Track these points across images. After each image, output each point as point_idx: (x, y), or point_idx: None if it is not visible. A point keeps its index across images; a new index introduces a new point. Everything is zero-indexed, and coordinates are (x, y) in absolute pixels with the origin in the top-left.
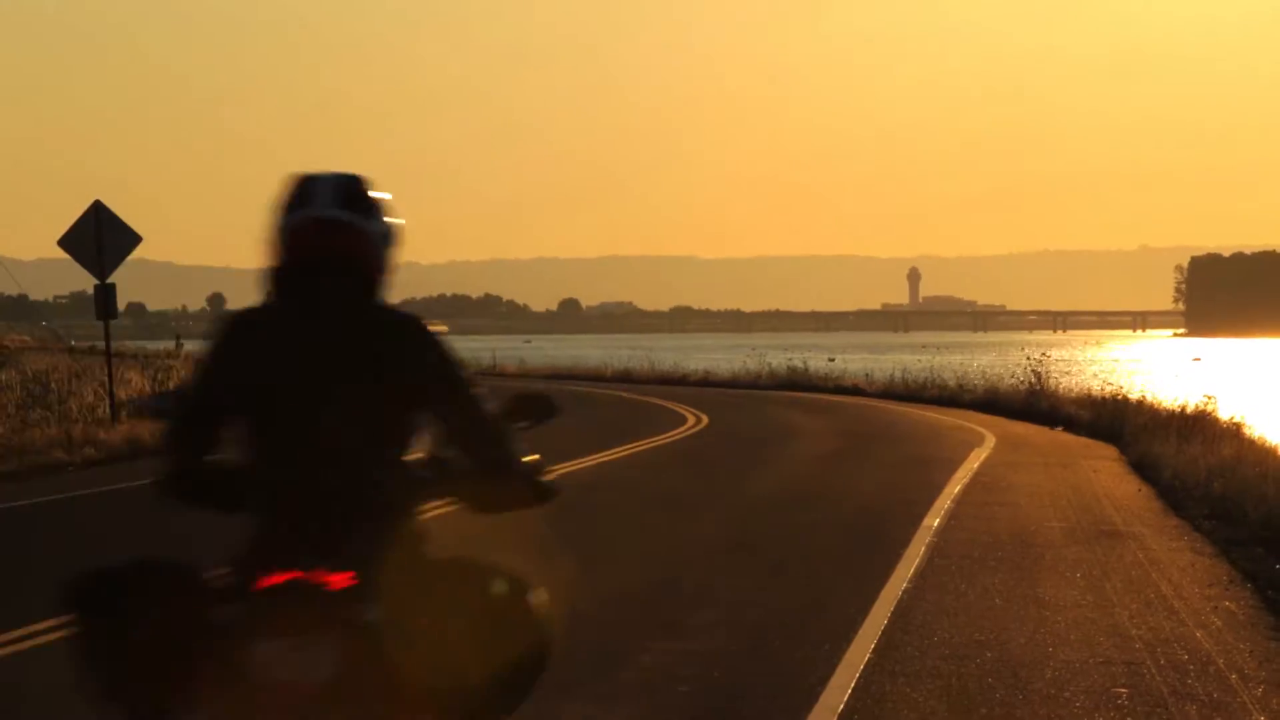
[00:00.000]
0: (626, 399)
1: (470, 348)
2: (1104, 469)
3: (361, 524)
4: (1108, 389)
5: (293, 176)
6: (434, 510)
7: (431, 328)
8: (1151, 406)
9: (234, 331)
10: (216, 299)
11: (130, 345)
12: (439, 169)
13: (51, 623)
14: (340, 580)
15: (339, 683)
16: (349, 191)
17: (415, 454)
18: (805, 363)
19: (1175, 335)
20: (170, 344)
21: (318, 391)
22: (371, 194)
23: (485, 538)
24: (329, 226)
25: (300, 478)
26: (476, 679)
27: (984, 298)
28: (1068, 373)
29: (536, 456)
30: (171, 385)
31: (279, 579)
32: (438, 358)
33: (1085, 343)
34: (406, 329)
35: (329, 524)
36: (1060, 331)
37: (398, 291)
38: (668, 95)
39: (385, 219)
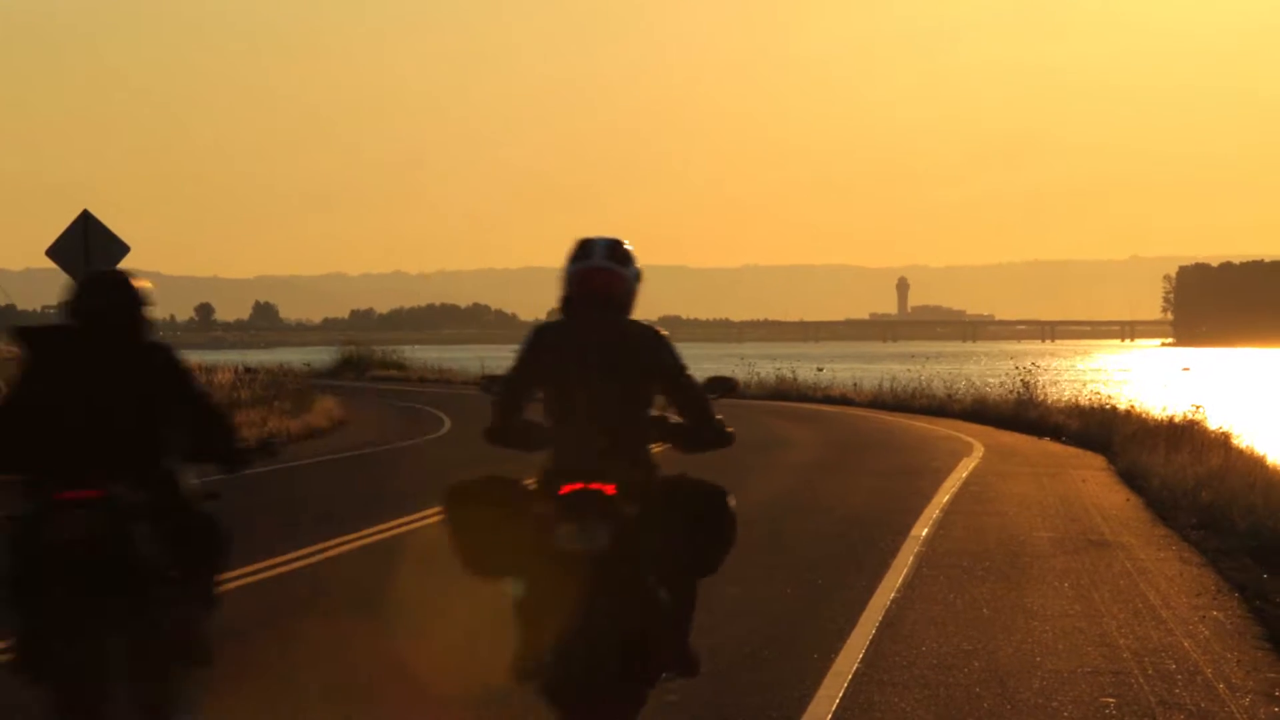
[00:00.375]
0: None
1: (458, 358)
2: (1092, 478)
3: (619, 456)
4: (1096, 398)
5: (578, 240)
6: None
7: (661, 332)
8: (1140, 416)
9: (537, 337)
10: (204, 309)
11: None
12: (427, 178)
13: None
14: (610, 489)
15: (610, 551)
16: (614, 249)
17: (654, 412)
18: (794, 372)
19: (1164, 345)
20: None
21: (592, 375)
22: (627, 249)
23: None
24: (601, 273)
25: (580, 430)
26: (693, 551)
27: (972, 307)
28: (1056, 382)
29: (721, 416)
30: None
31: (573, 488)
32: (667, 352)
33: (1074, 352)
34: (648, 334)
35: (601, 460)
36: (1049, 341)
37: (385, 302)
38: (657, 104)
39: (635, 266)
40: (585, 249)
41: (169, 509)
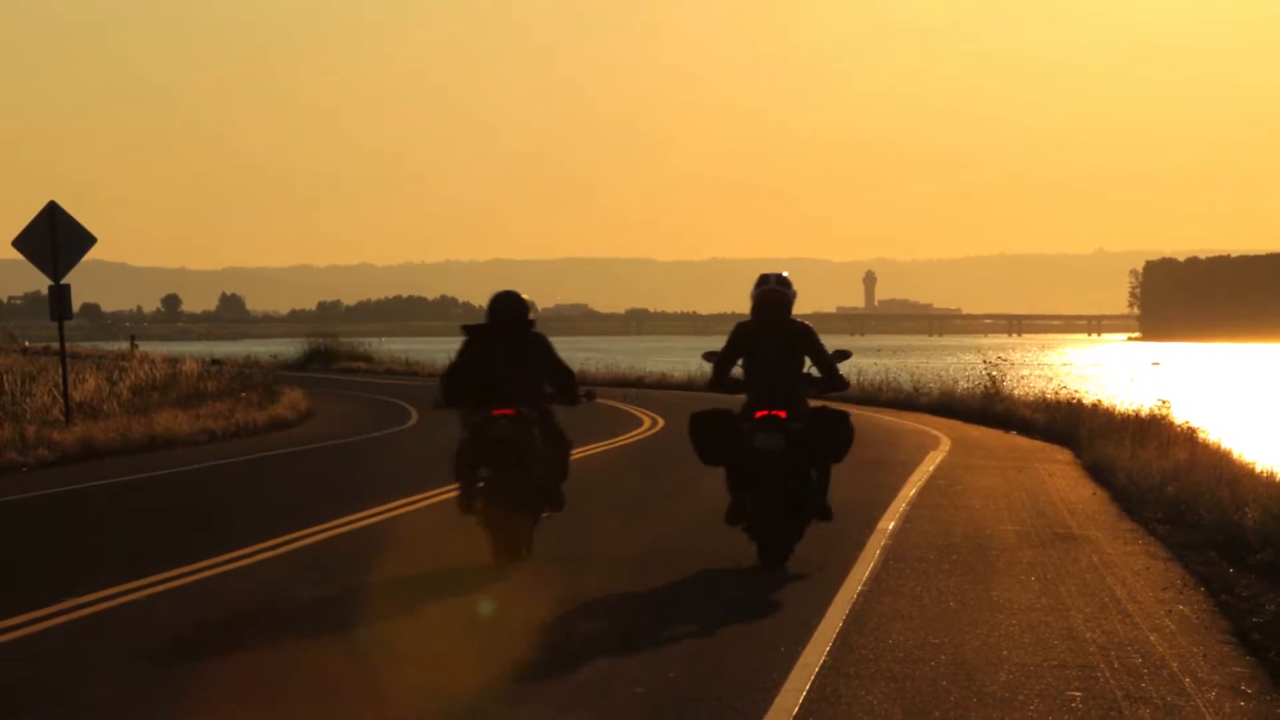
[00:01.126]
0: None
1: (425, 350)
2: (1059, 472)
3: (791, 397)
4: (1063, 393)
5: (760, 274)
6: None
7: (808, 325)
8: (1106, 410)
9: (737, 330)
10: (171, 300)
11: (86, 346)
12: (393, 169)
13: (33, 614)
14: (785, 414)
15: (784, 449)
16: (780, 279)
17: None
18: None
19: (1130, 339)
20: (125, 345)
21: (770, 350)
22: (786, 276)
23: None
24: (774, 293)
25: (764, 381)
26: (831, 448)
27: (940, 301)
28: (1024, 376)
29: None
30: (124, 385)
31: (763, 414)
32: (810, 334)
33: (1041, 346)
34: (800, 327)
35: (778, 399)
36: (1016, 335)
37: (352, 294)
38: (625, 97)
39: (793, 288)
40: (764, 279)
41: (546, 422)
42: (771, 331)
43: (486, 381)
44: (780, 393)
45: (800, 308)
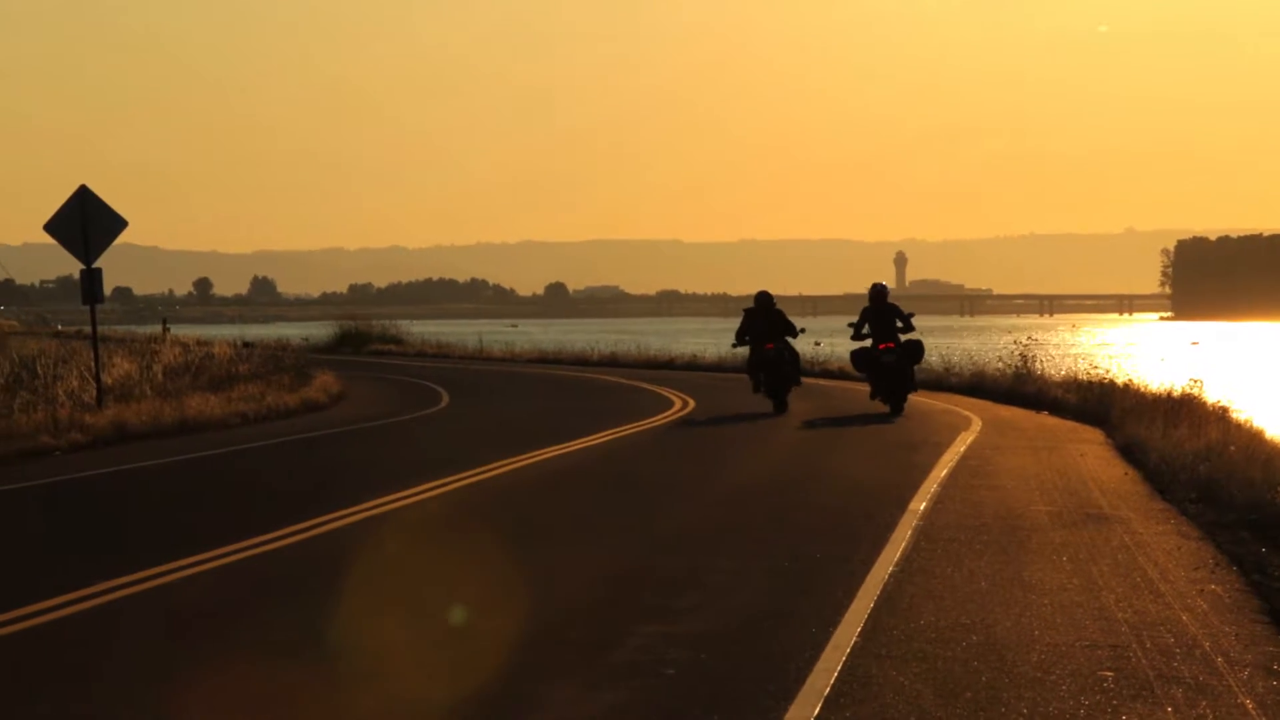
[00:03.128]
0: (613, 383)
1: (456, 332)
2: (1090, 452)
3: (894, 338)
4: (1094, 373)
5: (875, 283)
6: None
7: (894, 303)
8: (1138, 390)
9: (865, 311)
10: (203, 283)
11: (118, 330)
12: (425, 153)
13: (55, 600)
14: (892, 345)
15: (896, 361)
16: (883, 285)
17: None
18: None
19: (1162, 318)
20: (157, 328)
21: (883, 315)
22: (885, 284)
23: (489, 517)
24: (882, 291)
25: (882, 332)
26: (914, 357)
27: (971, 281)
28: (1062, 356)
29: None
30: (155, 368)
31: (884, 346)
32: (897, 309)
33: (1072, 326)
34: (892, 305)
35: (888, 339)
36: (1047, 315)
37: (383, 276)
38: (654, 79)
39: (888, 289)
40: (878, 286)
41: (788, 349)
42: (881, 309)
43: (759, 332)
44: (889, 336)
45: (831, 289)
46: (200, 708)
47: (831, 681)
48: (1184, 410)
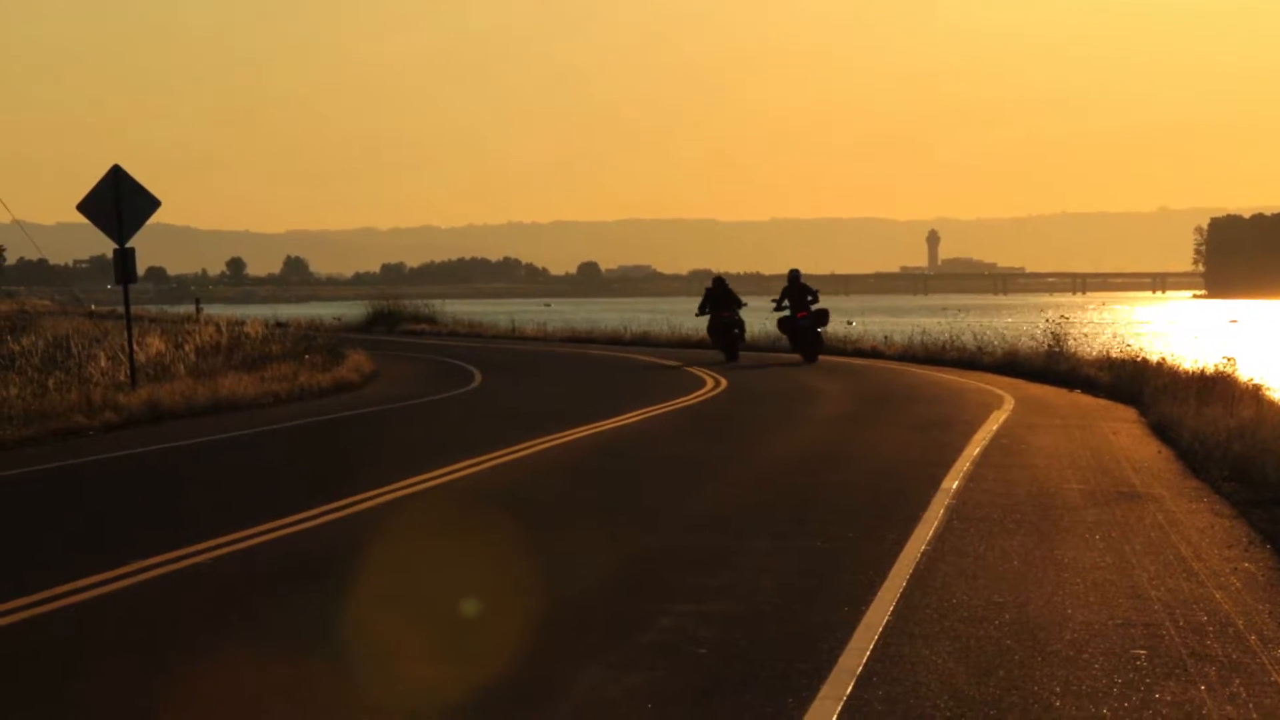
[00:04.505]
0: (645, 362)
1: (488, 312)
2: (1123, 431)
3: (805, 308)
4: (1127, 351)
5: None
6: None
7: (804, 283)
8: (1171, 368)
9: (785, 289)
10: (236, 263)
11: (151, 309)
12: (458, 132)
13: (82, 582)
14: (805, 314)
15: (809, 323)
16: (795, 271)
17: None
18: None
19: (1195, 296)
20: (191, 308)
21: (798, 293)
22: (797, 268)
23: (526, 497)
24: (796, 274)
25: (797, 304)
26: (821, 322)
27: (1003, 260)
28: (1098, 336)
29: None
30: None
31: (801, 314)
32: (808, 288)
33: (1101, 304)
34: (803, 284)
35: (803, 309)
36: (1080, 294)
37: (415, 256)
38: (688, 59)
39: (800, 274)
40: (793, 272)
41: (738, 318)
42: (797, 287)
43: (717, 305)
44: (803, 307)
45: (863, 268)
46: (217, 696)
47: (864, 660)
48: (1217, 388)
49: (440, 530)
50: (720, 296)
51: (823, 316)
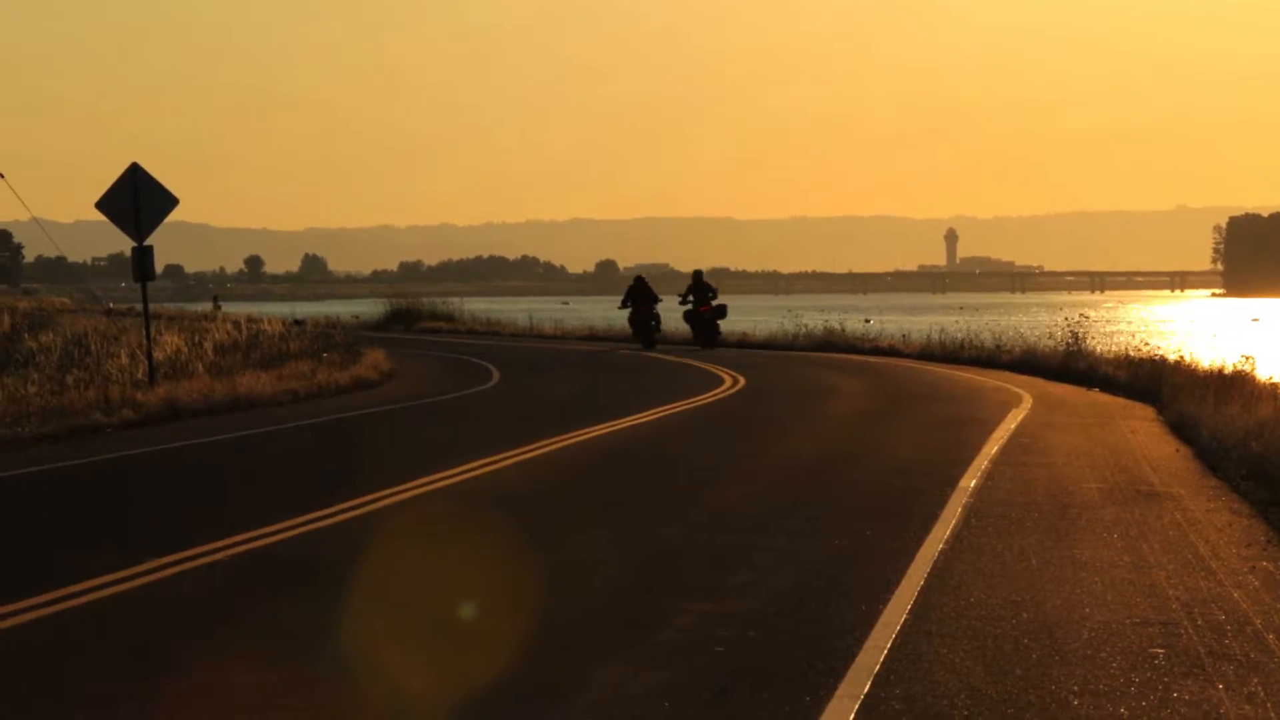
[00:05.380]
0: (663, 360)
1: (506, 310)
2: (1141, 429)
3: (707, 303)
4: (1145, 349)
5: (696, 270)
6: None
7: (707, 281)
8: (1189, 367)
9: (690, 287)
10: (254, 261)
11: (169, 307)
12: (476, 130)
13: (102, 579)
14: (707, 308)
15: (712, 316)
16: (699, 272)
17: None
18: (842, 324)
19: (1214, 295)
20: (209, 305)
21: (700, 290)
22: (700, 269)
23: (547, 496)
24: (699, 273)
25: (701, 298)
26: (719, 315)
27: (1021, 258)
28: (1116, 333)
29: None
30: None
31: (705, 309)
32: (709, 286)
33: (1118, 302)
34: (706, 283)
35: (706, 303)
36: (1098, 292)
37: (433, 254)
38: (706, 55)
39: (700, 276)
40: (697, 272)
41: (655, 314)
42: (699, 285)
43: (638, 301)
44: (705, 302)
45: (881, 266)
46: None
47: (881, 659)
48: (1235, 387)
49: (458, 527)
50: (641, 293)
51: (721, 311)
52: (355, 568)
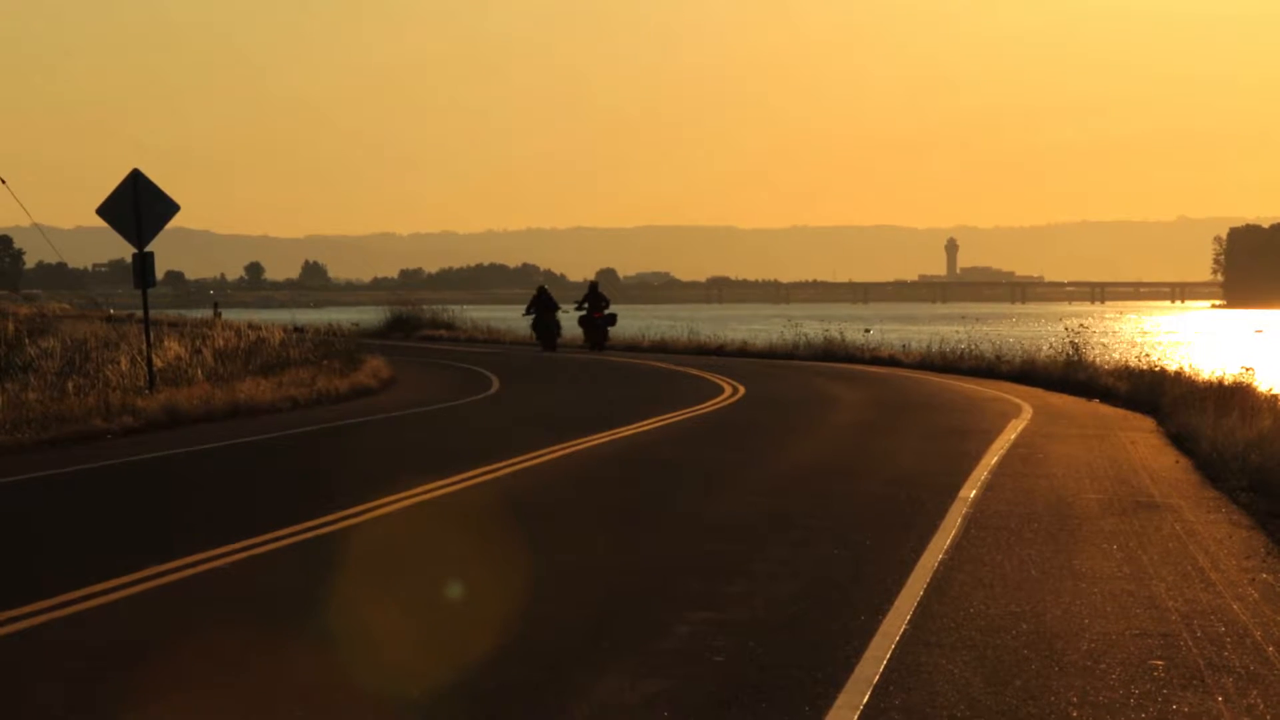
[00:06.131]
0: (663, 369)
1: (507, 317)
2: (1141, 440)
3: (600, 309)
4: (1145, 361)
5: (590, 280)
6: None
7: (601, 292)
8: (1189, 378)
9: (585, 296)
10: (254, 267)
11: (169, 313)
12: (476, 137)
13: (98, 586)
14: (600, 315)
15: (604, 322)
16: (594, 282)
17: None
18: (842, 333)
19: (1214, 306)
20: (209, 312)
21: (594, 299)
22: (595, 280)
23: (555, 503)
24: (595, 284)
25: (594, 305)
26: (610, 319)
27: (1022, 269)
28: (1122, 345)
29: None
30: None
31: (598, 315)
32: (604, 297)
33: (1119, 313)
34: (600, 293)
35: (598, 310)
36: (1098, 303)
37: (434, 261)
38: (704, 62)
39: (595, 286)
40: (591, 284)
41: (556, 319)
42: (594, 295)
43: (541, 308)
44: (599, 309)
45: (882, 276)
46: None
47: (881, 669)
48: (1235, 398)
49: (457, 535)
50: (543, 301)
51: (612, 318)
52: (347, 577)
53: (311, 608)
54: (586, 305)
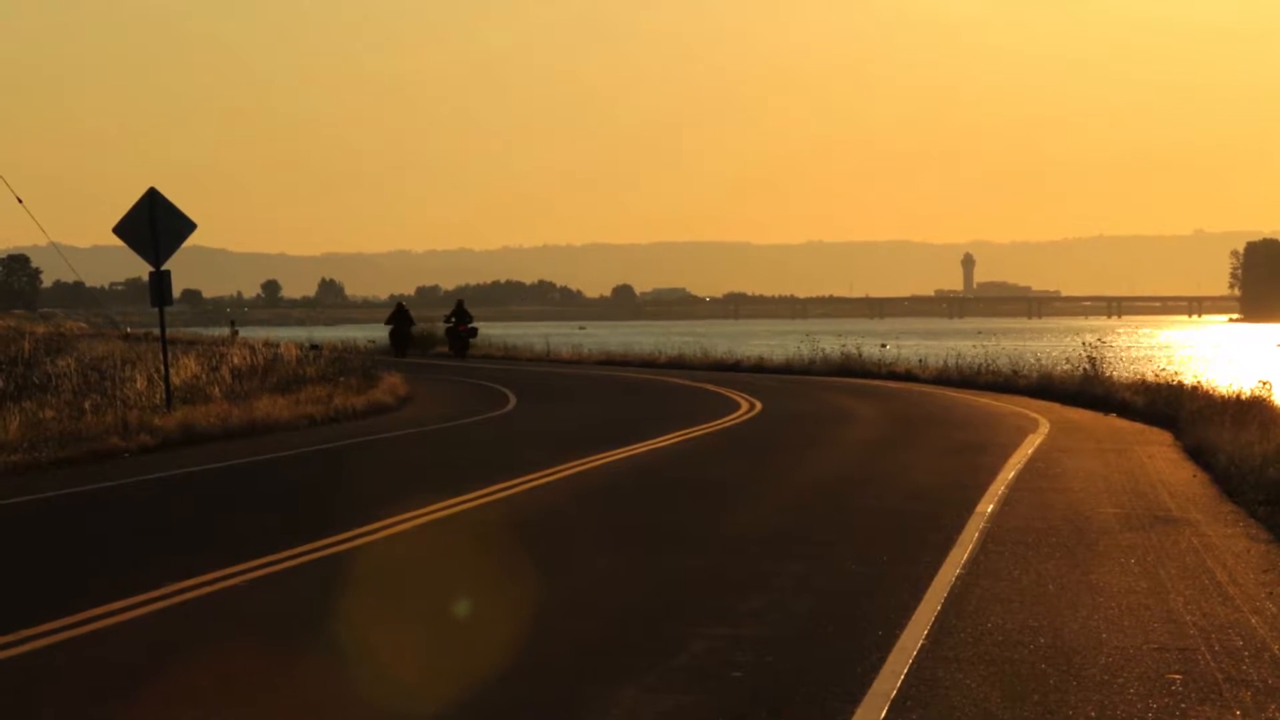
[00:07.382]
0: (680, 385)
1: (523, 334)
2: (1159, 455)
3: (463, 322)
4: (1162, 375)
5: (458, 299)
6: None
7: (465, 309)
8: (1206, 392)
9: (453, 311)
10: (271, 285)
11: (186, 332)
12: (492, 154)
13: (118, 604)
14: (465, 328)
15: (468, 335)
16: (461, 301)
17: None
18: (859, 348)
19: (1231, 320)
20: (226, 330)
21: (459, 315)
22: (461, 299)
23: (564, 523)
24: (461, 301)
25: (461, 319)
26: (471, 332)
27: (1038, 283)
28: (1135, 359)
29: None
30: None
31: (464, 328)
32: (467, 314)
33: (1134, 328)
34: (464, 309)
35: (462, 324)
36: (1115, 317)
37: (450, 278)
38: (720, 78)
39: (459, 305)
40: (459, 302)
41: (409, 332)
42: (461, 310)
43: (399, 321)
44: (465, 323)
45: (898, 291)
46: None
47: (898, 684)
48: (1253, 412)
49: (476, 551)
50: (402, 315)
51: (474, 331)
52: (369, 593)
53: (323, 625)
54: (454, 319)
